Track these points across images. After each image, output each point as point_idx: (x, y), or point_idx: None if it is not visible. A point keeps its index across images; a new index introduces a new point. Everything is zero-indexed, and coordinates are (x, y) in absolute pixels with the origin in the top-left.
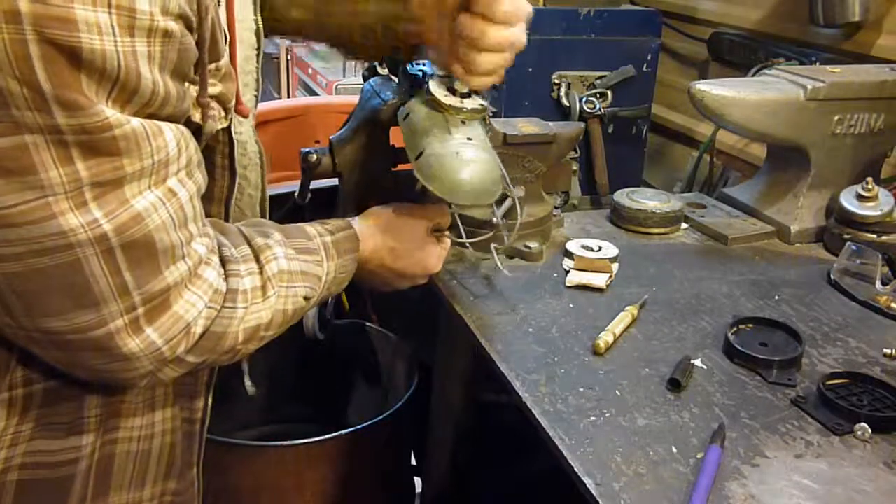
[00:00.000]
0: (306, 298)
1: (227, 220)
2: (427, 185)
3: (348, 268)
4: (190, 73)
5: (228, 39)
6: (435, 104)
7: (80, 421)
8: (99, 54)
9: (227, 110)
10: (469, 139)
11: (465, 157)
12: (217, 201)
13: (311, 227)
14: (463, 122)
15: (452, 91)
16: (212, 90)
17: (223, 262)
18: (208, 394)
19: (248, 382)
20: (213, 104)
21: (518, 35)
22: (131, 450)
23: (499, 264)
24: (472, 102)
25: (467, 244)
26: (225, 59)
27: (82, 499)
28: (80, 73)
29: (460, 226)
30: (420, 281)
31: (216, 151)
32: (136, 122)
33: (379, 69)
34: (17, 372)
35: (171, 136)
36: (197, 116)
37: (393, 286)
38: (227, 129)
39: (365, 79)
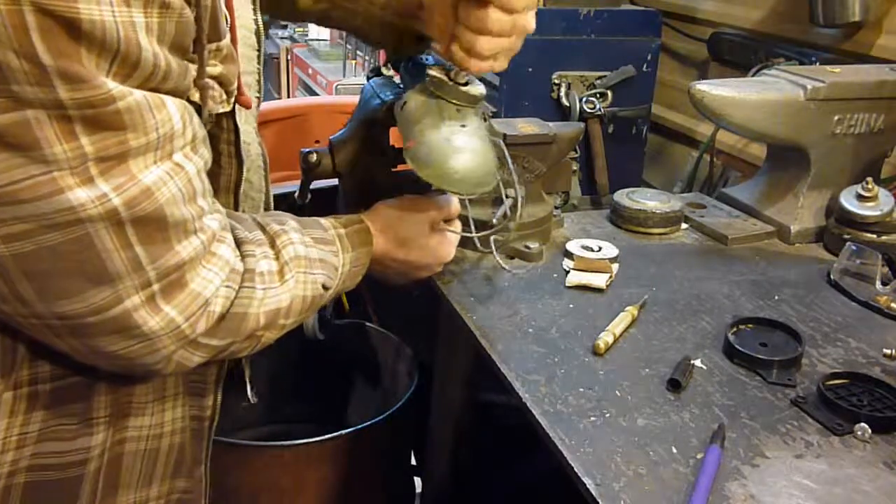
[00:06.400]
0: (325, 287)
1: (236, 209)
2: (418, 172)
3: (362, 261)
4: (190, 50)
5: (229, 21)
6: (436, 85)
7: (89, 422)
8: (98, 25)
9: (229, 93)
10: (463, 126)
11: (455, 144)
12: (225, 190)
13: (324, 220)
14: (458, 111)
15: (450, 78)
16: (213, 70)
17: (238, 242)
18: (217, 391)
19: (249, 391)
20: (215, 85)
21: (524, 20)
22: (140, 449)
23: (499, 260)
24: (470, 88)
25: (476, 238)
26: (226, 41)
27: (91, 499)
28: (79, 44)
29: (471, 221)
30: (436, 269)
31: (220, 139)
32: (139, 95)
33: (384, 70)
34: (23, 371)
35: (175, 109)
36: (196, 97)
37: (409, 278)
38: (232, 116)
39: (369, 80)
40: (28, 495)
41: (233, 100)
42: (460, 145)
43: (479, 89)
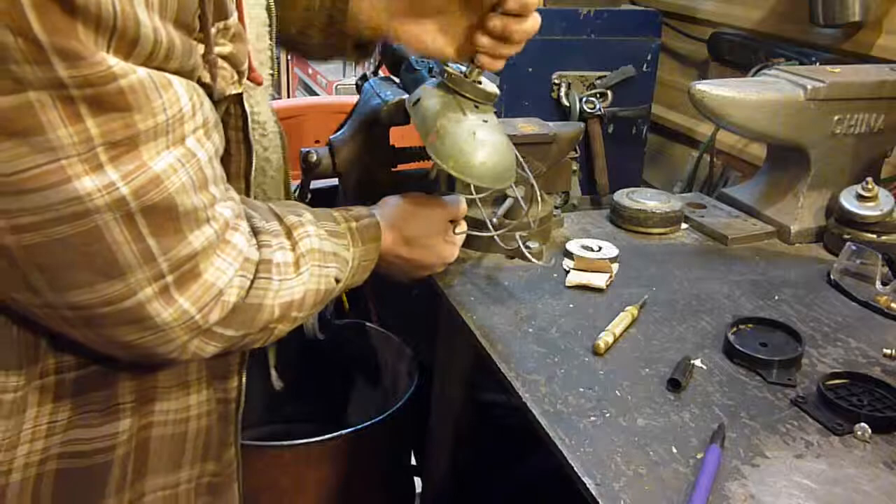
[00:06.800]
0: (337, 280)
1: (248, 195)
2: (441, 164)
3: (371, 256)
4: (196, 27)
5: None
6: (454, 82)
7: (116, 407)
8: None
9: (240, 74)
10: (485, 121)
11: (480, 137)
12: (236, 177)
13: (335, 212)
14: (476, 107)
15: (465, 76)
16: (222, 49)
17: (254, 232)
18: (241, 373)
19: (274, 375)
20: (225, 65)
21: (537, 22)
22: (166, 433)
23: (527, 254)
24: (486, 86)
25: (495, 235)
26: (234, 18)
27: (120, 484)
28: (75, 20)
29: (487, 219)
30: (438, 269)
31: (229, 125)
32: (143, 73)
33: (370, 75)
34: (48, 361)
35: (183, 90)
36: (207, 77)
37: (410, 276)
38: (240, 101)
39: (358, 87)
40: (58, 483)
41: (244, 80)
42: (484, 139)
43: (493, 87)
